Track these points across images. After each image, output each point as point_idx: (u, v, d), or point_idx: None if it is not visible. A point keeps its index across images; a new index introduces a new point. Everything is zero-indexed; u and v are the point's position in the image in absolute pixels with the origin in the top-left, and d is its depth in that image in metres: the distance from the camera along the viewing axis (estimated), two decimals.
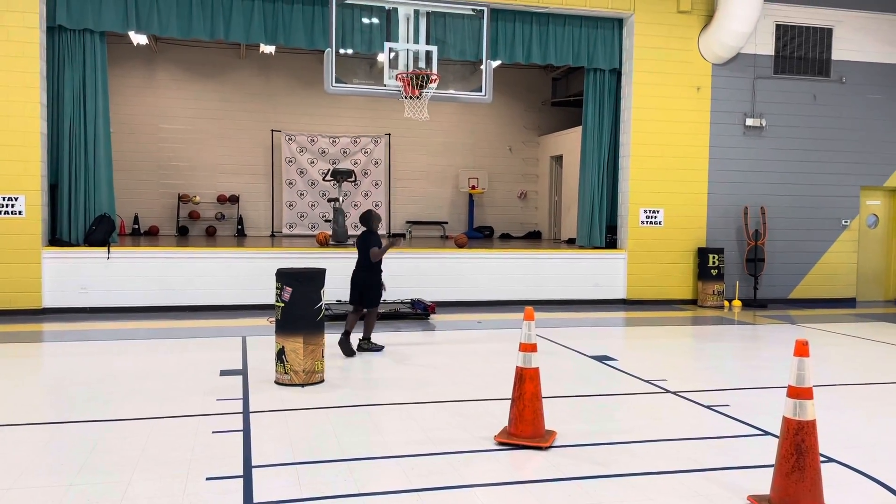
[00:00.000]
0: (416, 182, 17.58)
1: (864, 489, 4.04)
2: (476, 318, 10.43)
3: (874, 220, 13.66)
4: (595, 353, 7.95)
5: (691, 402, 5.94)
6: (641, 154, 12.29)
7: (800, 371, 3.59)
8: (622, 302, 12.31)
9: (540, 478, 4.13)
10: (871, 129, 13.14)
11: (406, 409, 5.54)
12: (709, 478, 4.18)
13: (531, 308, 4.85)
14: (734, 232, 12.66)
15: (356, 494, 3.82)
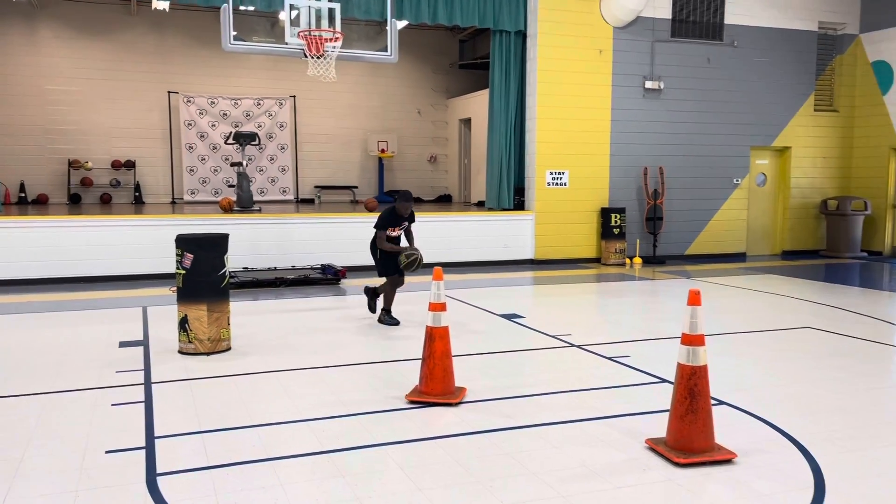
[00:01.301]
0: (324, 146, 17.24)
1: (750, 428, 4.33)
2: None
3: (763, 178, 14.45)
4: (504, 311, 8.11)
5: (595, 354, 6.17)
6: (547, 116, 12.48)
7: (692, 319, 3.78)
8: (530, 262, 12.58)
9: (450, 433, 4.21)
10: (760, 91, 13.81)
11: (317, 373, 5.50)
12: (610, 424, 4.37)
13: (440, 269, 4.88)
14: (635, 192, 13.11)
15: (266, 459, 3.78)
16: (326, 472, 3.63)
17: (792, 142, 14.18)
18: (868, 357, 6.18)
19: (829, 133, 14.50)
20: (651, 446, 3.94)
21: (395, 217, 7.31)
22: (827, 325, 7.47)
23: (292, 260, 11.08)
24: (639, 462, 3.78)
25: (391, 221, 7.28)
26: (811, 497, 3.37)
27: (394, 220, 7.32)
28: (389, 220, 7.26)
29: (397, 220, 7.34)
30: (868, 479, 3.58)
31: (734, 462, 3.77)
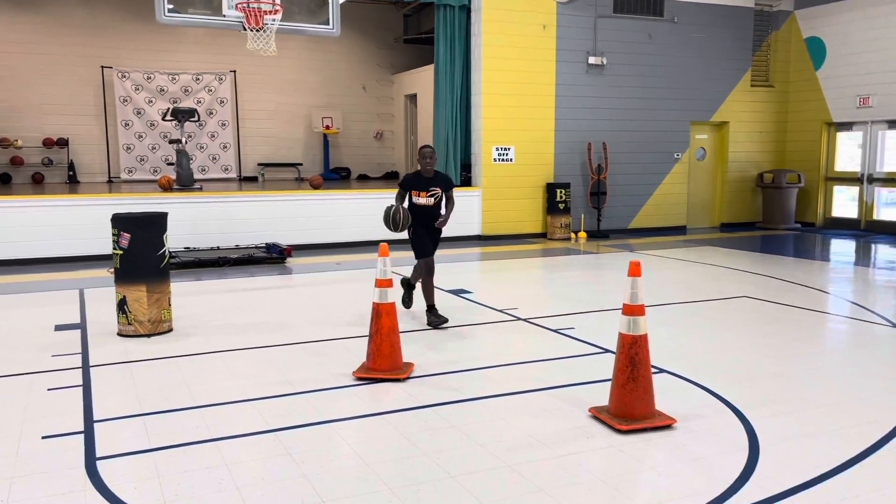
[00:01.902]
0: (267, 122, 16.90)
1: (689, 394, 4.46)
2: (335, 260, 10.33)
3: (702, 153, 14.79)
4: (452, 287, 8.14)
5: (540, 327, 6.26)
6: (492, 92, 12.48)
7: (633, 290, 3.86)
8: (478, 238, 12.63)
9: (398, 408, 4.22)
10: (699, 67, 14.08)
11: (262, 353, 5.43)
12: (555, 395, 4.45)
13: (385, 245, 4.86)
14: (579, 167, 13.26)
15: (210, 440, 3.73)
16: (272, 450, 3.60)
17: (730, 117, 14.53)
18: (801, 324, 6.43)
19: (765, 108, 14.90)
20: (594, 415, 4.03)
21: (418, 179, 6.09)
22: (762, 294, 7.73)
23: (236, 239, 10.88)
24: (583, 430, 3.86)
25: (414, 183, 6.09)
26: (746, 458, 3.50)
27: (417, 182, 6.08)
28: (412, 181, 6.12)
29: (423, 182, 6.07)
30: (799, 440, 3.73)
31: (674, 427, 3.88)
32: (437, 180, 6.11)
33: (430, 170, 6.03)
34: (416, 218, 6.13)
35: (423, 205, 6.12)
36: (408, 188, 6.10)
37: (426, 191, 6.08)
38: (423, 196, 6.08)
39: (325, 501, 3.05)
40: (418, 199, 6.10)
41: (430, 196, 6.09)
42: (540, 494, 3.12)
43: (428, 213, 6.19)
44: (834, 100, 14.26)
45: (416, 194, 6.08)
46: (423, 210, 6.16)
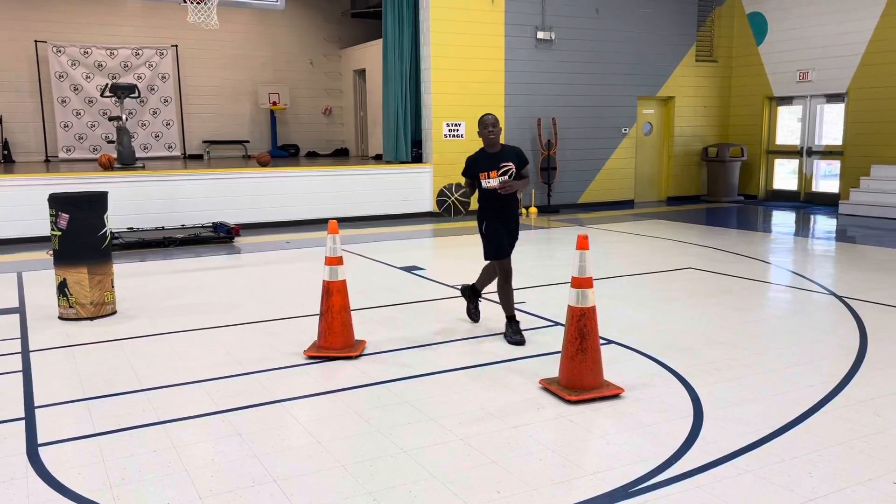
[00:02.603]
0: (212, 98, 16.46)
1: (637, 364, 4.56)
2: (284, 239, 10.19)
3: (649, 127, 15.01)
4: (404, 264, 8.12)
5: (492, 302, 6.29)
6: (442, 67, 12.39)
7: (581, 263, 3.90)
8: (430, 214, 12.61)
9: (350, 385, 4.20)
10: (646, 42, 14.23)
11: (210, 334, 5.34)
12: (506, 368, 4.49)
13: (335, 222, 4.80)
14: (529, 142, 13.32)
15: (157, 423, 3.65)
16: (222, 431, 3.55)
17: (675, 91, 14.76)
18: (744, 293, 6.61)
19: (709, 83, 15.17)
20: (545, 386, 4.09)
21: (484, 157, 4.96)
22: (707, 265, 7.92)
23: (181, 218, 10.63)
24: (533, 402, 3.91)
25: (480, 163, 4.96)
26: (690, 424, 3.60)
27: (484, 161, 4.94)
28: (477, 161, 4.99)
29: (490, 159, 4.93)
30: (741, 405, 3.85)
31: (622, 397, 3.96)
32: (506, 154, 4.95)
33: (495, 141, 4.90)
34: (489, 207, 4.99)
35: (490, 187, 4.92)
36: (474, 172, 4.97)
37: (497, 169, 4.88)
38: (495, 176, 4.89)
39: (276, 480, 3.03)
40: (489, 183, 4.90)
41: (502, 174, 4.90)
42: (492, 466, 3.15)
43: (503, 199, 4.98)
44: (775, 74, 14.60)
45: (485, 176, 4.90)
46: (494, 195, 4.94)
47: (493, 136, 4.89)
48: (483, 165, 4.94)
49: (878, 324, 5.44)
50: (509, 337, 5.04)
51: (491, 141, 4.91)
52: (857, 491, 2.91)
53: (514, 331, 5.06)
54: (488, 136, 4.90)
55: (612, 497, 2.88)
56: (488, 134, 4.90)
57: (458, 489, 2.95)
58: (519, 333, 5.04)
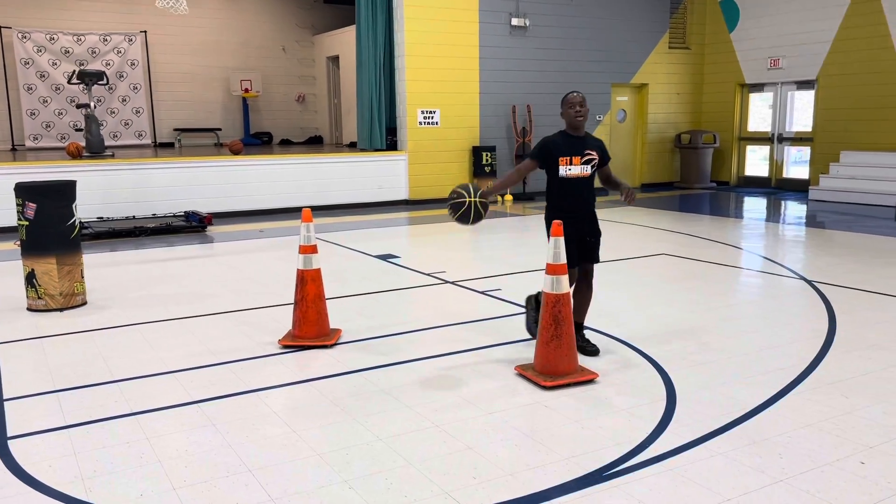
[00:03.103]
0: (182, 85, 16.22)
1: (611, 349, 4.59)
2: (258, 227, 10.10)
3: (623, 115, 15.08)
4: (379, 252, 8.09)
5: (468, 289, 6.31)
6: (416, 54, 12.32)
7: (556, 249, 3.92)
8: (405, 202, 12.58)
9: (326, 374, 4.19)
10: (619, 29, 14.27)
11: (183, 324, 5.28)
12: (482, 355, 4.50)
13: (308, 210, 4.76)
14: (504, 130, 13.32)
15: (129, 414, 3.61)
16: (196, 422, 3.52)
17: (649, 79, 14.83)
18: (716, 279, 6.69)
19: (682, 70, 15.27)
20: (520, 373, 4.10)
21: (567, 140, 4.31)
22: (680, 251, 8.01)
23: (153, 208, 10.48)
24: (509, 388, 3.93)
25: (561, 147, 4.28)
26: (664, 408, 3.64)
27: (566, 145, 4.29)
28: (557, 145, 4.30)
29: (574, 144, 4.29)
30: (713, 388, 3.91)
31: (596, 382, 3.99)
32: (591, 142, 4.36)
33: (582, 123, 4.28)
34: (562, 202, 4.35)
35: (575, 178, 4.28)
36: (551, 157, 4.27)
37: (580, 156, 4.25)
38: (577, 163, 4.24)
39: (251, 470, 3.01)
40: (569, 171, 4.24)
41: (585, 163, 4.27)
42: (468, 452, 3.17)
43: (580, 191, 4.33)
44: (746, 61, 14.74)
45: (565, 163, 4.23)
46: (573, 187, 4.30)
47: (581, 117, 4.26)
48: (564, 149, 4.24)
49: (847, 307, 5.54)
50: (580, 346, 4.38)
51: (578, 123, 4.28)
52: (825, 471, 2.97)
53: (582, 339, 4.45)
54: (575, 118, 4.26)
55: (587, 481, 2.90)
56: (575, 115, 4.25)
57: (434, 475, 2.95)
58: (587, 341, 4.46)
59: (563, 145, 4.29)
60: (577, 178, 4.30)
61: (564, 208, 4.31)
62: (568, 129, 4.36)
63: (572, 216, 4.27)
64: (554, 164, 4.28)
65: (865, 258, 7.56)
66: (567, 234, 3.98)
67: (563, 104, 4.33)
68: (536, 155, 4.36)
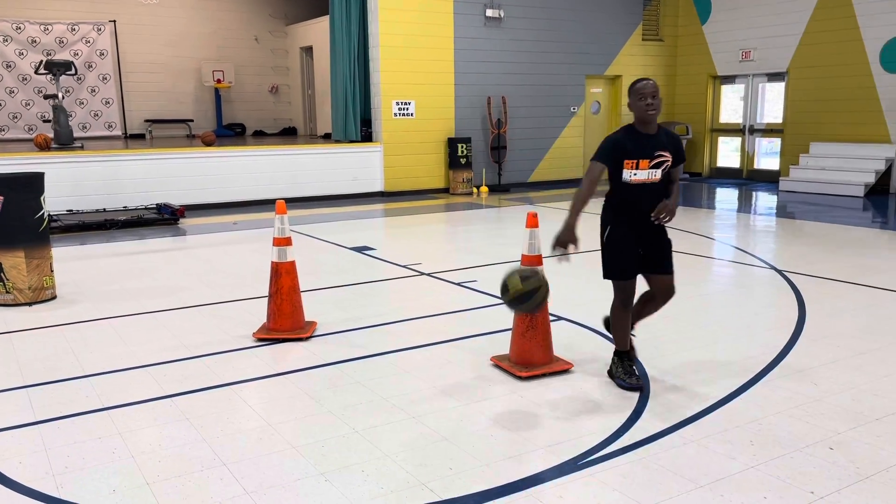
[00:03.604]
0: (154, 76, 15.96)
1: (586, 340, 4.64)
2: (231, 220, 10.00)
3: (597, 106, 15.15)
4: (355, 244, 8.06)
5: (444, 281, 6.31)
6: (391, 45, 12.25)
7: (531, 241, 3.94)
8: (380, 194, 12.53)
9: (301, 367, 4.17)
10: (593, 21, 14.32)
11: (156, 318, 5.22)
12: (458, 346, 4.51)
13: (282, 202, 4.73)
14: (479, 121, 13.31)
15: (101, 409, 3.56)
16: (169, 416, 3.48)
17: (623, 70, 14.91)
18: (689, 268, 6.76)
19: (655, 62, 15.38)
20: (496, 363, 4.12)
21: (635, 138, 3.61)
22: None
23: (124, 200, 10.33)
24: (485, 379, 3.94)
25: (628, 148, 3.60)
26: (637, 396, 3.68)
27: (634, 145, 3.59)
28: (623, 144, 3.61)
29: (643, 143, 3.60)
30: (687, 376, 3.96)
31: (572, 371, 4.03)
32: (664, 139, 3.64)
33: (654, 118, 3.58)
34: (623, 207, 3.76)
35: (642, 183, 3.62)
36: (616, 158, 3.61)
37: (650, 158, 3.58)
38: (646, 167, 3.58)
39: (225, 464, 2.99)
40: (635, 175, 3.60)
41: (654, 166, 3.59)
42: (444, 443, 3.17)
43: (645, 198, 3.67)
44: (718, 53, 14.88)
45: (632, 166, 3.59)
46: (637, 193, 3.66)
47: (653, 111, 3.54)
48: (631, 150, 3.58)
49: (816, 296, 5.64)
50: (618, 379, 3.78)
51: (649, 117, 3.56)
52: (795, 457, 3.02)
53: (624, 370, 3.76)
54: (646, 112, 3.55)
55: (563, 469, 2.93)
56: (646, 108, 3.55)
57: (411, 467, 2.96)
58: (632, 375, 3.73)
59: (630, 145, 3.59)
60: (643, 183, 3.63)
61: (625, 213, 3.75)
62: (636, 125, 3.64)
63: (633, 220, 3.75)
64: (618, 166, 3.63)
65: (833, 248, 7.69)
66: (624, 235, 3.71)
67: (630, 94, 3.62)
68: (603, 157, 3.66)
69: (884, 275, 6.34)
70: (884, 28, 12.12)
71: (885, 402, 3.55)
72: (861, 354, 4.30)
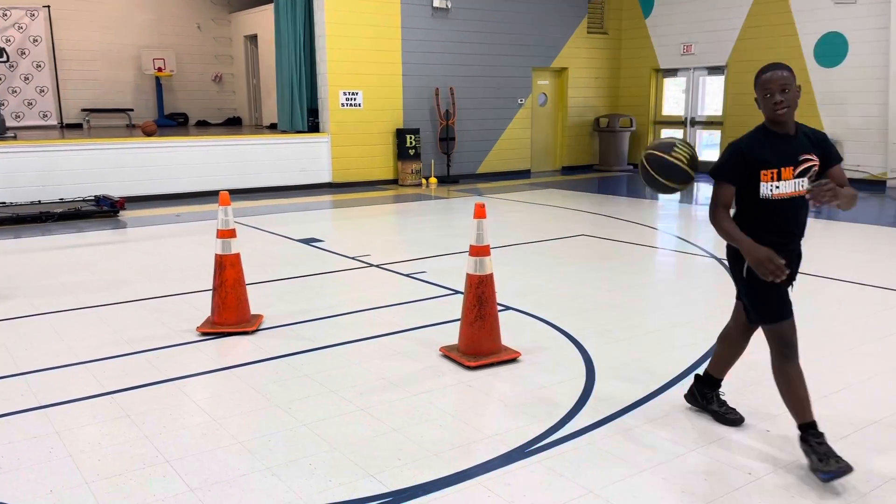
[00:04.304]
0: (90, 63, 15.43)
1: (533, 328, 4.69)
2: (174, 212, 9.77)
3: (544, 98, 15.29)
4: (302, 236, 7.97)
5: (393, 272, 6.30)
6: (337, 34, 12.11)
7: (479, 231, 3.95)
8: (328, 185, 12.41)
9: (247, 361, 4.11)
10: (540, 13, 14.41)
11: (95, 313, 5.07)
12: (407, 337, 4.51)
13: (226, 193, 4.64)
14: (428, 113, 13.29)
15: (37, 408, 3.44)
16: (109, 413, 3.39)
17: (568, 63, 15.07)
18: (633, 258, 6.91)
19: (600, 55, 15.58)
20: (445, 354, 4.14)
21: (770, 143, 2.79)
22: (599, 231, 8.21)
23: (60, 192, 9.98)
24: (434, 369, 3.95)
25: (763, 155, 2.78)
26: (583, 384, 3.74)
27: (770, 152, 2.77)
28: (754, 151, 2.80)
29: (778, 148, 2.78)
30: (630, 363, 4.04)
31: (519, 360, 4.07)
32: (806, 140, 2.83)
33: (784, 118, 2.76)
34: (766, 230, 2.81)
35: (784, 199, 2.78)
36: (746, 171, 2.80)
37: (793, 165, 2.76)
38: (789, 177, 2.76)
39: (168, 461, 2.93)
40: (777, 189, 2.77)
41: (800, 175, 2.77)
42: (393, 434, 3.17)
43: (795, 216, 2.84)
44: (661, 47, 15.17)
45: (770, 178, 2.76)
46: (781, 212, 2.81)
47: (783, 109, 2.73)
48: (768, 158, 2.77)
49: None
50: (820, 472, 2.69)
51: (778, 118, 2.76)
52: (734, 439, 3.12)
53: (818, 455, 2.72)
54: (774, 112, 2.75)
55: (510, 458, 2.96)
56: (774, 108, 2.74)
57: (359, 459, 2.95)
58: (830, 457, 2.70)
59: (766, 152, 2.78)
60: (789, 198, 2.78)
61: (766, 239, 2.77)
62: (768, 124, 2.83)
63: (779, 248, 2.77)
64: (752, 181, 2.80)
65: None
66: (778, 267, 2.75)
67: (756, 86, 2.83)
68: (729, 174, 2.84)
69: (818, 263, 6.58)
70: (818, 23, 12.54)
71: (816, 385, 3.69)
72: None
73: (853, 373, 3.91)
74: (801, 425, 2.82)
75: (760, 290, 2.84)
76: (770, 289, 2.81)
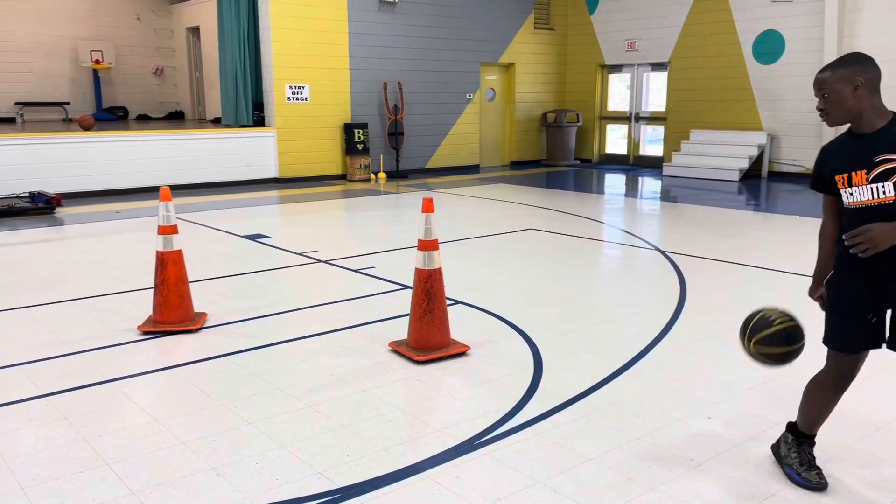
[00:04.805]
0: (24, 55, 14.84)
1: (482, 322, 4.70)
2: (114, 208, 9.48)
3: (492, 93, 15.36)
4: (248, 232, 7.83)
5: (341, 268, 6.24)
6: (282, 27, 11.92)
7: (427, 226, 3.95)
8: (275, 181, 12.22)
9: (190, 359, 4.02)
10: (487, 8, 14.46)
11: (29, 313, 4.88)
12: (356, 333, 4.48)
13: (167, 188, 4.52)
14: (376, 107, 13.20)
15: None
16: (46, 416, 3.27)
17: (516, 58, 15.17)
18: (580, 251, 7.00)
19: (547, 50, 15.73)
20: (394, 349, 4.12)
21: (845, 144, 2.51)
22: (547, 226, 8.30)
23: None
24: (383, 365, 3.93)
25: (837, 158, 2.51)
26: (531, 376, 3.78)
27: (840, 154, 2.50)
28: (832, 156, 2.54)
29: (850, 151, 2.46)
30: (578, 354, 4.10)
31: (468, 354, 4.08)
32: (891, 137, 2.41)
33: (828, 122, 2.52)
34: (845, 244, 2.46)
35: (863, 206, 2.44)
36: (825, 178, 2.56)
37: (865, 167, 2.42)
38: (862, 181, 2.43)
39: (108, 464, 2.84)
40: (851, 197, 2.47)
41: (878, 178, 2.40)
42: (341, 430, 3.14)
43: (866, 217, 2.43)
44: (606, 43, 15.39)
45: (844, 182, 2.48)
46: (865, 222, 2.40)
47: (825, 114, 2.49)
48: (839, 161, 2.51)
49: (696, 275, 5.96)
50: (792, 470, 2.73)
51: (827, 123, 2.52)
52: (676, 427, 3.19)
53: (800, 460, 2.73)
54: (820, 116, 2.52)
55: (459, 451, 2.97)
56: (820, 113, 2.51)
57: (306, 456, 2.92)
58: (812, 468, 2.70)
59: (836, 153, 2.54)
60: (867, 207, 2.43)
61: (854, 261, 2.48)
62: (853, 127, 2.51)
63: (865, 269, 2.49)
64: (832, 187, 2.55)
65: (713, 229, 8.16)
66: (853, 296, 2.54)
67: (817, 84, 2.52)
68: (812, 179, 2.66)
69: (756, 254, 6.79)
70: (756, 21, 12.91)
71: (754, 373, 3.80)
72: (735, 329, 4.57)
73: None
74: (801, 433, 2.77)
75: (830, 314, 2.64)
76: (838, 316, 2.59)
